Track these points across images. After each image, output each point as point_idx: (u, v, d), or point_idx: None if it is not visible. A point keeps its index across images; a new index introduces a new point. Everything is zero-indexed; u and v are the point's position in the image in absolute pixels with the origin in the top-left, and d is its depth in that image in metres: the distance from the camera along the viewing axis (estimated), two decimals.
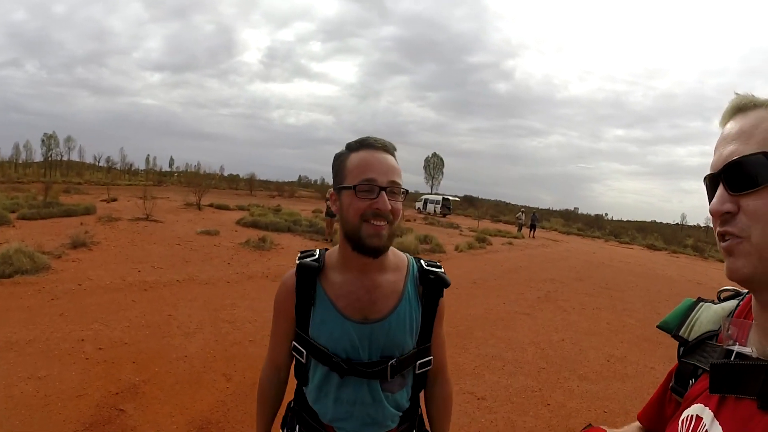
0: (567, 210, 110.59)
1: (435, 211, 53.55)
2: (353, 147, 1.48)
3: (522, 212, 39.35)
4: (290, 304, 1.55)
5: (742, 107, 0.84)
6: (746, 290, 1.00)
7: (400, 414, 1.60)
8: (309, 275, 1.52)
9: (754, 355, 0.82)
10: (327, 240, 16.18)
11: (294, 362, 1.63)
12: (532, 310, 9.54)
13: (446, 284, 1.59)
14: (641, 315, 10.30)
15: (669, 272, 21.11)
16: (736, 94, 0.86)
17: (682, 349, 1.03)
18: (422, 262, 1.63)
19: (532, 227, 35.24)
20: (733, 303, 1.01)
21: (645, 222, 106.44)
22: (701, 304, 1.07)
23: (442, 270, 1.62)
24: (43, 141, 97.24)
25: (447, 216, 51.89)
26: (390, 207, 1.40)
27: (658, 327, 1.12)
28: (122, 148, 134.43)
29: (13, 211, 16.55)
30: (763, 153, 0.77)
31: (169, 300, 7.43)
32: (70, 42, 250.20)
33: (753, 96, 0.84)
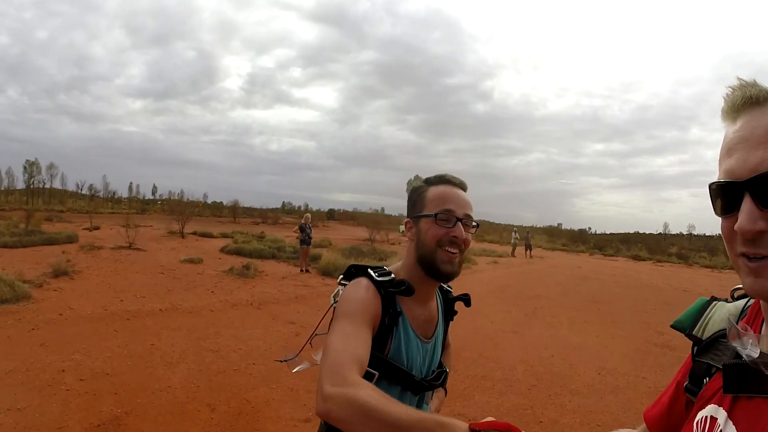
0: (551, 226, 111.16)
1: None
2: (433, 181, 1.63)
3: (515, 232, 38.91)
4: (377, 317, 1.44)
5: (758, 99, 0.75)
6: None
7: None
8: (394, 295, 1.50)
9: (754, 356, 0.78)
10: (303, 271, 15.36)
11: None
12: (519, 327, 9.50)
13: (467, 304, 1.81)
14: (630, 326, 10.31)
15: (655, 282, 21.21)
16: (740, 80, 0.78)
17: (695, 348, 1.00)
18: (441, 284, 1.75)
19: (528, 247, 34.63)
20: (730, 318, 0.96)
21: (628, 233, 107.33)
22: (715, 303, 1.04)
23: (452, 292, 1.83)
24: (25, 168, 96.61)
25: None
26: (465, 236, 1.53)
27: (672, 326, 1.08)
28: (105, 175, 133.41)
29: None
30: None
31: (152, 329, 7.30)
32: (52, 68, 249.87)
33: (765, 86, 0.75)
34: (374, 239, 34.77)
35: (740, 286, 0.97)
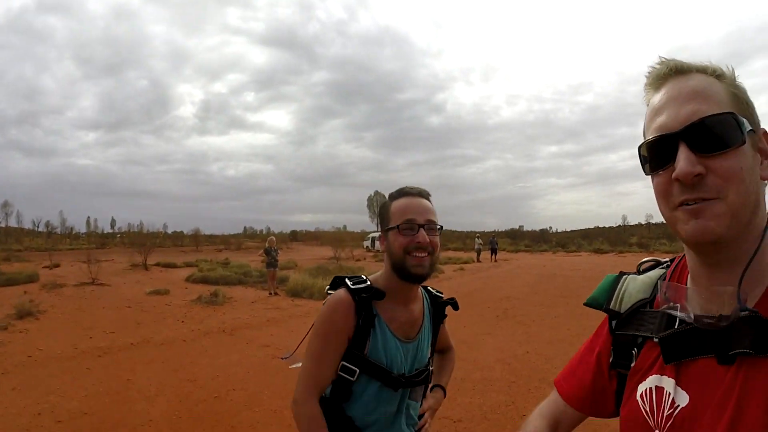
0: (512, 229, 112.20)
1: None
2: (395, 196, 1.80)
3: (478, 237, 39.29)
4: (349, 326, 1.68)
5: (682, 69, 0.84)
6: (666, 260, 1.06)
7: (417, 420, 1.89)
8: (369, 300, 1.70)
9: (691, 318, 0.84)
10: (271, 294, 15.16)
11: (334, 381, 1.72)
12: (492, 328, 9.63)
13: (455, 307, 1.99)
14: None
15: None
16: (662, 57, 0.87)
17: (614, 322, 1.04)
18: (429, 289, 2.00)
19: (493, 251, 35.16)
20: (658, 272, 1.04)
21: (588, 229, 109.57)
22: (625, 277, 1.09)
23: (441, 297, 2.00)
24: None
25: None
26: (429, 240, 1.68)
27: (585, 304, 1.14)
28: (61, 211, 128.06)
29: None
30: (731, 113, 0.78)
31: (126, 364, 7.18)
32: (1, 102, 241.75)
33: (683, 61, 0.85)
34: (339, 257, 34.72)
35: (647, 259, 1.12)
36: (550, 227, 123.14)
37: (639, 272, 1.09)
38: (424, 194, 1.80)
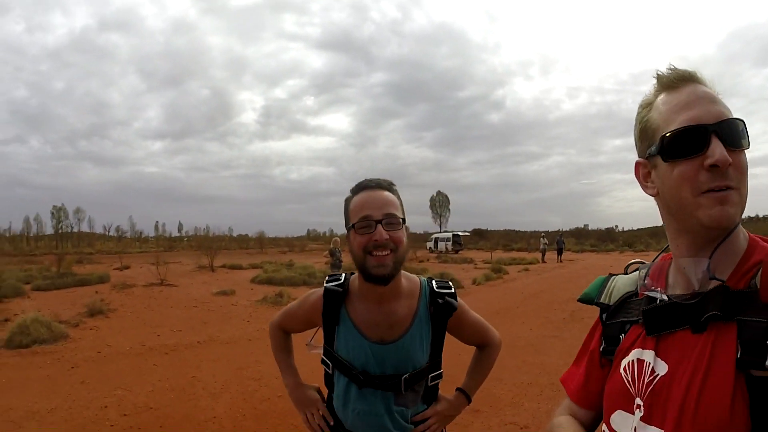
0: (577, 228, 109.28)
1: (447, 248, 52.76)
2: (354, 191, 1.71)
3: (543, 237, 38.39)
4: (315, 319, 1.82)
5: (698, 79, 0.95)
6: (648, 263, 1.13)
7: (412, 426, 1.77)
8: (335, 299, 1.75)
9: (664, 296, 0.97)
10: None
11: (324, 372, 1.85)
12: (560, 331, 9.29)
13: (454, 308, 1.76)
14: None
15: None
16: (672, 65, 0.99)
17: (604, 315, 1.16)
18: (434, 283, 1.82)
19: (560, 251, 34.52)
20: (641, 272, 1.12)
21: (657, 227, 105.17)
22: (613, 277, 1.22)
23: (452, 290, 1.82)
24: (52, 213, 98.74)
25: (459, 252, 51.37)
26: (387, 236, 1.58)
27: (579, 300, 1.26)
28: (131, 216, 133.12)
29: (27, 283, 16.91)
30: (743, 120, 0.91)
31: (192, 362, 7.28)
32: (71, 116, 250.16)
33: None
34: None
35: (634, 261, 1.23)
36: (616, 225, 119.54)
37: (626, 273, 1.21)
38: (384, 185, 1.70)
